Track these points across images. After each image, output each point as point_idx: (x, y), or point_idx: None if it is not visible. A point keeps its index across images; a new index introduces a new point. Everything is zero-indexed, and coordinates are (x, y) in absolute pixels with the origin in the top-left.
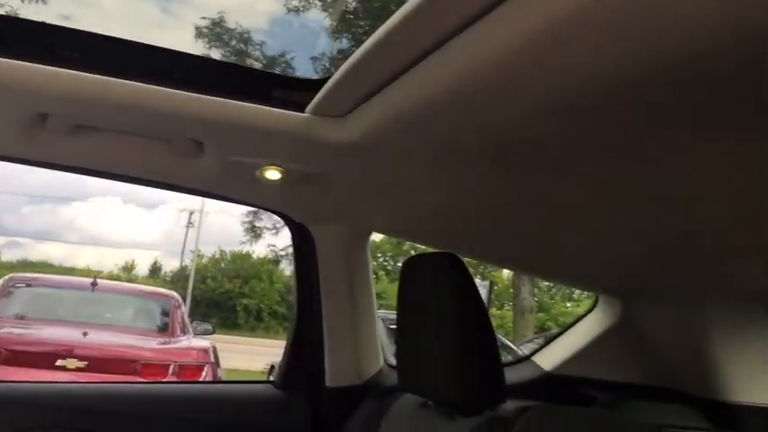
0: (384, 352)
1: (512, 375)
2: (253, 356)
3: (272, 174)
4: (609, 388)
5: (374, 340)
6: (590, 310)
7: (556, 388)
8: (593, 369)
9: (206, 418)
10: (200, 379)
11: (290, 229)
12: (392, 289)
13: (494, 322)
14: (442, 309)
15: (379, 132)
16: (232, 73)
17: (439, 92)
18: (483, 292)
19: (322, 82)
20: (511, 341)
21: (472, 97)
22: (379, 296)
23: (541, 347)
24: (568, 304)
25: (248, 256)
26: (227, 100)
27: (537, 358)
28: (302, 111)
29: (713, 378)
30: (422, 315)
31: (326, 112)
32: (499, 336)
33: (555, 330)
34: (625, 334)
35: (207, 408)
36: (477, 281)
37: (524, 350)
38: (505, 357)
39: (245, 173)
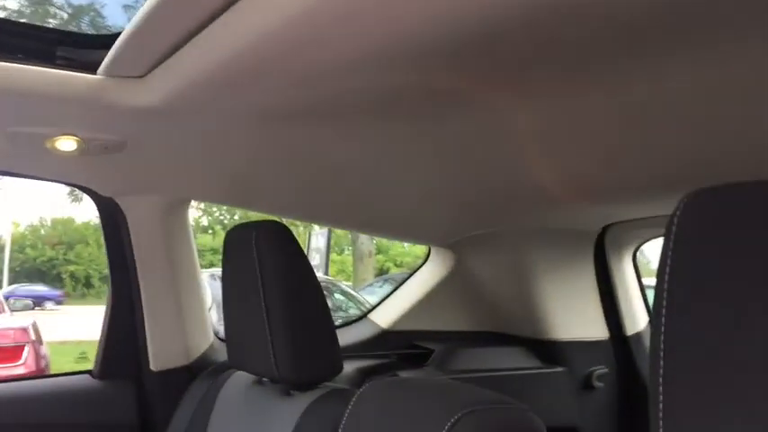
0: (215, 324)
1: (349, 335)
2: (84, 325)
3: (67, 144)
4: (445, 338)
5: (201, 315)
6: (423, 264)
7: (394, 344)
8: (429, 321)
9: (21, 418)
10: (21, 360)
11: (96, 204)
12: None
13: (334, 268)
14: (267, 282)
15: (181, 95)
16: (7, 30)
17: (237, 52)
18: (322, 240)
19: (114, 39)
20: (350, 287)
21: (275, 55)
22: (217, 251)
23: (377, 305)
24: (405, 245)
25: (71, 220)
26: (1, 63)
27: (373, 316)
28: (94, 72)
29: (540, 319)
30: (247, 290)
31: (121, 73)
32: (339, 283)
33: (393, 273)
34: (458, 284)
35: (21, 407)
36: (316, 228)
37: (364, 294)
38: (347, 304)
39: (33, 145)
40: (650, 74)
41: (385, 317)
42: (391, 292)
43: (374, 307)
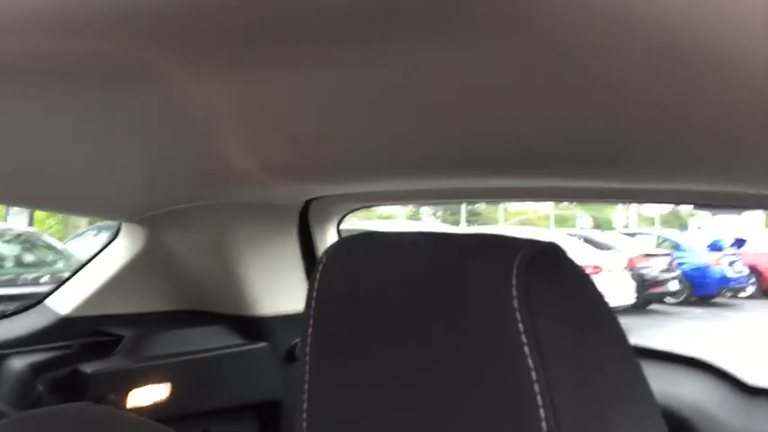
0: None
1: (19, 326)
2: None
3: None
4: (138, 322)
5: None
6: (110, 242)
7: (77, 332)
8: (119, 304)
9: None
10: None
11: None
12: None
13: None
14: None
15: None
16: None
17: None
18: None
19: None
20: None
21: None
22: None
23: (55, 290)
24: None
25: None
26: None
27: (51, 302)
28: None
29: (243, 295)
30: None
31: None
32: (43, 235)
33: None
34: (152, 262)
35: None
36: None
37: (76, 244)
38: (53, 258)
39: None
40: (332, 60)
41: (65, 302)
42: (72, 275)
43: (51, 292)
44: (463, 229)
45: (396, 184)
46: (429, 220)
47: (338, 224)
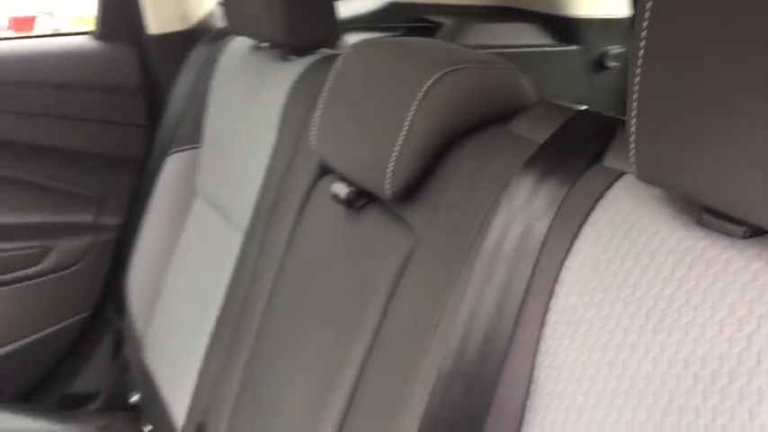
0: None
1: (353, 6)
2: None
3: None
4: (456, 12)
5: None
6: None
7: (401, 17)
8: None
9: (23, 76)
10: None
11: None
12: None
13: None
14: None
15: None
16: None
17: None
18: None
19: None
20: None
21: None
22: None
23: None
24: None
25: None
26: None
27: None
28: None
29: None
30: None
31: None
32: None
33: None
34: None
35: (24, 65)
36: None
37: None
38: None
39: None
40: None
41: None
42: None
43: None
44: None
45: None
46: None
47: None
